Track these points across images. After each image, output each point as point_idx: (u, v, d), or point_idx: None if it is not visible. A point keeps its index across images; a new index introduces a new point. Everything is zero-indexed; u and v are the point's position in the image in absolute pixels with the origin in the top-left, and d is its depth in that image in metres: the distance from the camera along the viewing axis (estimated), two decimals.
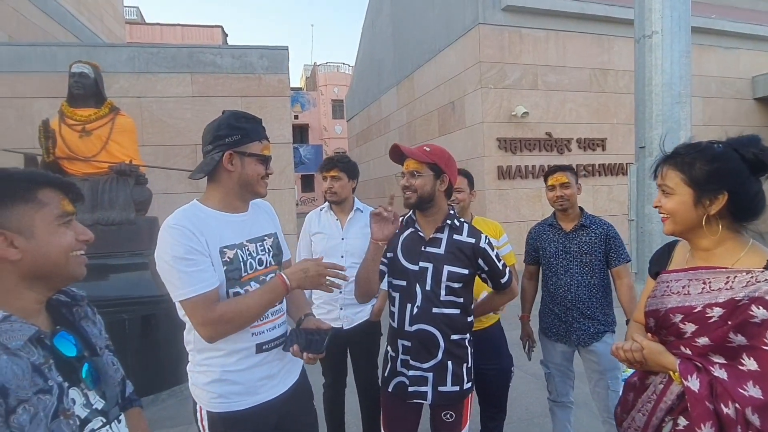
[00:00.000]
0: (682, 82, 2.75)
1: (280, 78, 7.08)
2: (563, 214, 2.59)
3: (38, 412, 0.90)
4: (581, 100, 9.77)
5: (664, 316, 1.29)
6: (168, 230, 1.41)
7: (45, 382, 0.93)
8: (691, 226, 1.26)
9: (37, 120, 4.16)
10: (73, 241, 1.04)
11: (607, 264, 2.52)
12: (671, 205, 1.26)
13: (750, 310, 1.12)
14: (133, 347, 3.64)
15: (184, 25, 29.15)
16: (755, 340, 1.12)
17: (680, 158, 1.26)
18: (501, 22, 9.18)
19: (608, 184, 9.93)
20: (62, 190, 1.04)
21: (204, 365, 1.51)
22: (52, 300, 1.10)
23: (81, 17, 9.56)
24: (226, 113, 1.56)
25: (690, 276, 1.27)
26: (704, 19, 10.50)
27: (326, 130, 32.27)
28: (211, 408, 1.51)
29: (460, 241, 1.88)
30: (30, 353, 0.94)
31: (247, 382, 1.52)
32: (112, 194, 4.02)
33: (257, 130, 1.56)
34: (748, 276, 1.15)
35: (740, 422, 1.09)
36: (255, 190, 1.57)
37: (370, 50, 15.99)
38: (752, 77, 11.53)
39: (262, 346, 1.54)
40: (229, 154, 1.49)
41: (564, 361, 2.61)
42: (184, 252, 1.38)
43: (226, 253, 1.47)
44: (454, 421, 1.90)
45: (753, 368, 1.12)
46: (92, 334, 1.14)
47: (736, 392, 1.11)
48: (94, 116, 4.12)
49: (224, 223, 1.51)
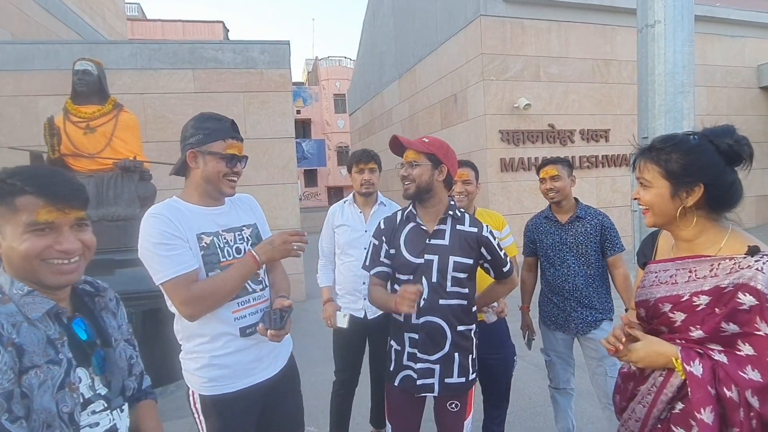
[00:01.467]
0: (685, 72, 2.74)
1: (282, 73, 7.07)
2: (557, 206, 2.62)
3: (47, 379, 0.98)
4: (584, 91, 9.72)
5: (654, 306, 1.31)
6: (147, 219, 1.52)
7: (56, 355, 1.02)
8: (670, 218, 1.28)
9: (41, 118, 4.19)
10: (41, 249, 1.03)
11: (603, 254, 2.55)
12: (649, 198, 1.29)
13: (737, 297, 1.14)
14: (141, 341, 3.62)
15: (186, 21, 29.10)
16: (747, 326, 1.14)
17: (656, 152, 1.27)
18: (503, 14, 9.13)
19: (611, 175, 9.90)
20: (47, 197, 1.03)
21: (193, 352, 1.60)
22: (77, 289, 1.18)
23: (83, 15, 9.57)
24: (197, 114, 1.65)
25: (677, 266, 1.29)
26: (708, 7, 10.40)
27: (329, 125, 32.23)
28: (203, 392, 1.59)
29: (464, 231, 1.89)
30: (47, 326, 1.03)
31: (236, 365, 1.59)
32: (117, 190, 4.06)
33: (222, 129, 1.61)
34: (731, 263, 1.18)
35: (743, 405, 1.10)
36: (218, 187, 1.62)
37: (372, 43, 15.94)
38: (758, 66, 11.43)
39: (246, 330, 1.61)
40: (191, 152, 1.59)
41: (565, 348, 2.66)
42: (162, 237, 1.48)
43: (203, 239, 1.57)
44: (459, 410, 1.92)
45: (750, 353, 1.14)
46: (109, 325, 1.21)
47: (737, 375, 1.12)
48: (98, 113, 4.14)
49: (199, 215, 1.60)
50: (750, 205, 11.41)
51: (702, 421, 1.12)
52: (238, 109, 6.87)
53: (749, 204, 11.42)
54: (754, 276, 1.12)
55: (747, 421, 1.10)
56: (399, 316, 1.91)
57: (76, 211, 1.08)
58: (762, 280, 1.11)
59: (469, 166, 2.61)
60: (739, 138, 1.22)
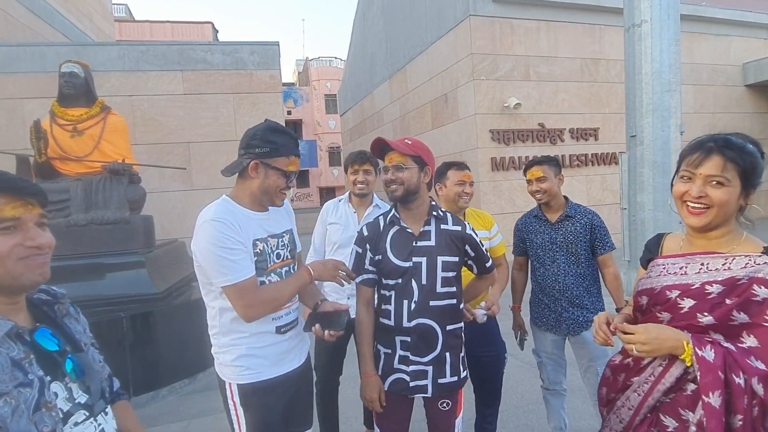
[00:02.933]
0: (671, 71, 2.76)
1: (272, 73, 7.06)
2: (546, 206, 2.62)
3: (19, 404, 0.92)
4: (573, 90, 9.79)
5: (660, 293, 1.33)
6: (212, 223, 1.56)
7: (25, 376, 0.95)
8: (728, 218, 1.27)
9: (28, 121, 4.14)
10: (12, 247, 0.98)
11: (593, 253, 2.55)
12: (725, 197, 1.23)
13: (752, 289, 1.19)
14: (131, 345, 3.65)
15: (174, 22, 28.88)
16: (757, 317, 1.18)
17: (737, 151, 1.24)
18: (492, 14, 9.18)
19: (601, 173, 9.99)
20: (7, 193, 0.98)
21: (230, 345, 1.67)
22: (33, 299, 1.11)
23: (69, 16, 9.47)
24: (265, 123, 1.69)
25: (687, 260, 1.33)
26: (695, 6, 10.53)
27: (320, 125, 32.16)
28: (241, 380, 1.66)
29: (449, 230, 1.90)
30: (9, 348, 0.96)
31: (271, 356, 1.70)
32: (106, 193, 4.02)
33: (288, 145, 1.68)
34: (746, 259, 1.22)
35: (747, 392, 1.14)
36: (272, 200, 1.72)
37: (362, 44, 15.93)
38: (743, 64, 11.59)
39: (281, 329, 1.73)
40: (255, 162, 1.63)
41: (555, 350, 2.65)
42: (229, 243, 1.54)
43: (257, 245, 1.65)
44: (450, 409, 1.93)
45: (753, 344, 1.18)
46: (75, 331, 1.16)
47: (745, 363, 1.16)
48: (85, 116, 4.11)
49: (252, 219, 1.67)
50: None
51: (709, 405, 1.15)
52: (227, 111, 6.83)
53: None
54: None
55: (750, 409, 1.14)
56: (389, 320, 1.89)
57: (38, 207, 1.04)
58: None
59: (466, 168, 2.61)
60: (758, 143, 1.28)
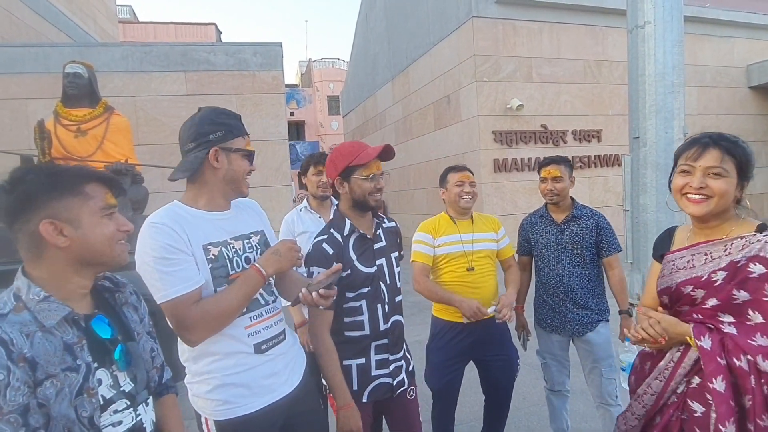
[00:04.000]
0: (675, 72, 2.76)
1: (275, 75, 7.07)
2: (555, 206, 2.61)
3: (64, 387, 0.98)
4: (576, 92, 9.78)
5: (676, 291, 1.42)
6: (148, 229, 1.36)
7: (74, 361, 1.02)
8: (725, 207, 1.37)
9: (32, 121, 4.16)
10: (116, 231, 1.12)
11: (598, 254, 2.55)
12: (724, 186, 1.33)
13: (749, 267, 1.28)
14: None
15: (178, 23, 28.96)
16: (757, 293, 1.26)
17: (732, 145, 1.35)
18: (495, 15, 9.17)
19: (604, 175, 9.97)
20: (106, 184, 1.12)
21: (203, 374, 1.44)
22: (97, 285, 1.18)
23: (74, 17, 9.51)
24: (202, 110, 1.52)
25: (692, 252, 1.41)
26: (698, 8, 10.50)
27: (322, 127, 32.18)
28: (218, 417, 1.43)
29: (389, 228, 2.00)
30: (65, 332, 1.03)
31: (252, 383, 1.45)
32: None
33: (239, 125, 1.53)
34: (743, 241, 1.32)
35: (753, 372, 1.19)
36: (239, 188, 1.53)
37: (365, 45, 15.95)
38: (747, 66, 11.55)
39: (261, 347, 1.49)
40: (215, 150, 1.44)
41: (560, 350, 2.65)
42: (164, 252, 1.33)
43: (210, 251, 1.42)
44: (415, 394, 2.00)
45: (759, 321, 1.25)
46: (132, 320, 1.22)
47: (746, 344, 1.23)
48: (89, 116, 4.13)
49: (207, 221, 1.46)
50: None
51: (715, 391, 1.22)
52: None
53: None
54: (763, 247, 1.27)
55: (759, 388, 1.18)
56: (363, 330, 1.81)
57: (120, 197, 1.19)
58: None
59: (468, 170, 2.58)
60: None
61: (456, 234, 2.48)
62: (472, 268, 2.42)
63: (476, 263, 2.44)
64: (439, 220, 2.56)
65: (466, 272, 2.43)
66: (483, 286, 2.41)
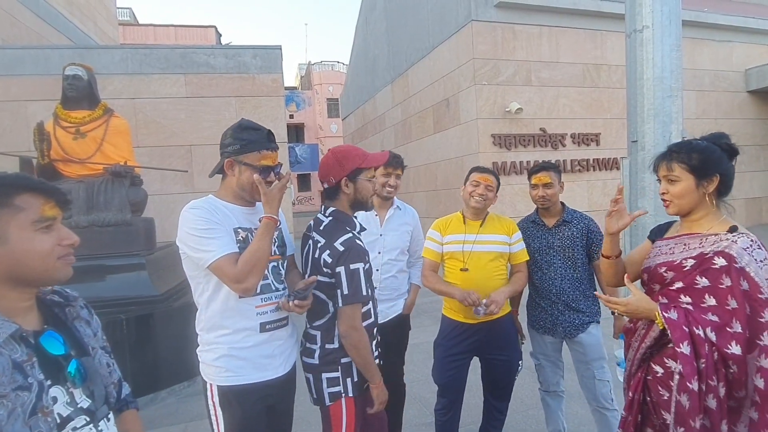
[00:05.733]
0: (673, 76, 2.77)
1: (274, 77, 7.08)
2: (546, 211, 2.68)
3: (16, 407, 0.91)
4: (575, 96, 9.79)
5: (654, 270, 1.69)
6: (188, 212, 1.61)
7: (25, 379, 0.95)
8: (692, 206, 1.61)
9: (31, 123, 4.16)
10: (53, 246, 1.02)
11: (589, 257, 2.61)
12: (679, 190, 1.60)
13: (713, 259, 1.51)
14: (131, 347, 3.65)
15: (178, 26, 29.03)
16: (715, 281, 1.50)
17: (679, 153, 1.60)
18: (494, 19, 9.19)
19: (603, 178, 9.97)
20: (44, 194, 1.02)
21: (213, 343, 1.67)
22: (45, 299, 1.11)
23: (73, 19, 9.52)
24: (237, 122, 1.74)
25: (676, 241, 1.67)
26: (696, 12, 10.53)
27: (322, 129, 32.21)
28: (221, 382, 1.66)
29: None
30: (12, 350, 0.96)
31: (254, 358, 1.68)
32: (108, 195, 4.03)
33: (258, 140, 1.69)
34: (716, 238, 1.55)
35: (707, 341, 1.46)
36: (252, 196, 1.72)
37: (365, 48, 15.98)
38: (745, 70, 11.57)
39: (266, 326, 1.71)
40: (229, 161, 1.68)
41: (553, 352, 2.70)
42: (207, 224, 1.58)
43: (239, 233, 1.67)
44: None
45: (712, 303, 1.51)
46: (84, 334, 1.15)
47: (701, 318, 1.50)
48: (88, 118, 4.12)
49: (235, 212, 1.70)
50: (739, 208, 11.52)
51: (682, 354, 1.47)
52: (229, 114, 6.85)
53: (739, 206, 11.53)
54: (729, 245, 1.50)
55: (711, 354, 1.45)
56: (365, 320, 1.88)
57: (65, 208, 1.08)
58: (735, 249, 1.49)
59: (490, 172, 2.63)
60: (729, 137, 1.64)
61: (461, 234, 2.53)
62: (465, 269, 2.46)
63: (472, 264, 2.46)
64: (451, 218, 2.65)
65: (460, 272, 2.48)
66: (480, 287, 2.41)
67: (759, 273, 1.45)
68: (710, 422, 1.45)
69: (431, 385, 2.67)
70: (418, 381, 3.79)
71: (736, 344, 1.43)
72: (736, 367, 1.43)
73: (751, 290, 1.44)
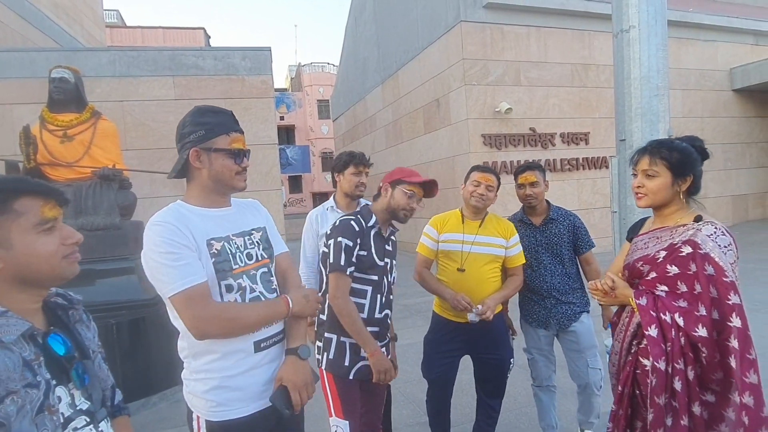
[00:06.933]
0: (659, 75, 2.80)
1: (264, 79, 7.04)
2: (532, 209, 2.75)
3: (25, 404, 0.93)
4: (564, 95, 9.88)
5: (632, 266, 1.77)
6: (152, 228, 1.38)
7: (34, 377, 0.96)
8: (665, 201, 1.69)
9: (17, 126, 4.10)
10: (57, 246, 1.03)
11: (576, 252, 2.71)
12: (655, 185, 1.67)
13: (681, 248, 1.60)
14: (122, 352, 3.62)
15: (166, 28, 28.81)
16: (683, 268, 1.59)
17: (661, 150, 1.67)
18: (483, 19, 9.25)
19: (592, 177, 10.06)
20: (42, 196, 1.02)
21: (202, 372, 1.44)
22: (49, 302, 1.13)
23: (60, 21, 9.41)
24: (192, 108, 1.52)
25: (650, 236, 1.76)
26: (682, 12, 10.68)
27: (312, 131, 32.17)
28: (210, 417, 1.44)
29: (395, 240, 2.30)
30: (22, 348, 0.97)
31: (248, 387, 1.46)
32: (96, 199, 3.99)
33: (223, 122, 1.49)
34: (684, 228, 1.64)
35: (674, 326, 1.56)
36: (230, 184, 1.52)
37: (354, 49, 15.98)
38: (730, 69, 11.75)
39: (260, 344, 1.49)
40: (194, 151, 1.45)
41: (546, 345, 2.76)
42: (170, 247, 1.34)
43: (213, 245, 1.44)
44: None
45: (684, 290, 1.59)
46: (86, 337, 1.16)
47: (670, 305, 1.59)
48: (75, 121, 4.08)
49: (207, 218, 1.48)
50: (726, 205, 11.69)
51: (650, 336, 1.58)
52: None
53: (725, 203, 11.69)
54: (695, 234, 1.58)
55: (677, 339, 1.54)
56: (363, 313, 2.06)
57: (64, 207, 1.09)
58: (699, 236, 1.57)
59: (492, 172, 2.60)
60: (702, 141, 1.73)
61: (459, 233, 2.53)
62: (462, 269, 2.46)
63: (469, 265, 2.45)
64: (449, 216, 2.64)
65: (456, 272, 2.47)
66: (474, 289, 2.41)
67: (723, 258, 1.52)
68: (678, 403, 1.54)
69: (425, 385, 2.67)
70: (411, 381, 3.79)
71: (702, 327, 1.51)
72: (706, 349, 1.51)
73: (717, 274, 1.51)
